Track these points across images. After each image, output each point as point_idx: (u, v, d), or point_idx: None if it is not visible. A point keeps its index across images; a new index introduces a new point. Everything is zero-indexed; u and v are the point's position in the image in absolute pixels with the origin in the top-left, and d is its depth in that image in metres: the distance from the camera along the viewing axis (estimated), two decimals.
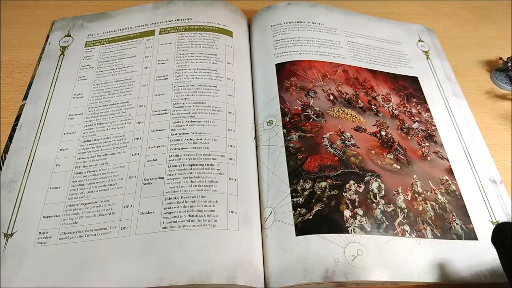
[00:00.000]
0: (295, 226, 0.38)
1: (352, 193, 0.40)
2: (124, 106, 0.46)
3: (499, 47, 0.60)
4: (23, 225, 0.38)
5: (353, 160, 0.43)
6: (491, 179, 0.45)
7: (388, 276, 0.36)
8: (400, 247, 0.38)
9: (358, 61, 0.53)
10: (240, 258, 0.36)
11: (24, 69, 0.52)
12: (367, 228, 0.38)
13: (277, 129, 0.45)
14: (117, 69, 0.50)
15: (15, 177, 0.41)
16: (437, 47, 0.58)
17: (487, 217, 0.42)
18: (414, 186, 0.42)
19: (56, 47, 0.52)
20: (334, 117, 0.47)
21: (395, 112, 0.49)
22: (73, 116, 0.46)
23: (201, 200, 0.39)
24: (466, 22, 0.64)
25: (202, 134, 0.43)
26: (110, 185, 0.40)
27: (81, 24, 0.55)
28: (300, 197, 0.39)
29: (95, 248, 0.36)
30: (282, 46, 0.52)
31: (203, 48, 0.51)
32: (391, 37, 0.58)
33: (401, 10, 0.65)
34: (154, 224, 0.37)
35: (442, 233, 0.39)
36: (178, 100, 0.46)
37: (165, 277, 0.34)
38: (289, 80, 0.49)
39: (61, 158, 0.42)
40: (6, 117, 0.47)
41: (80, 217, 0.38)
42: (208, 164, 0.41)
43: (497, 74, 0.56)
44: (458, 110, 0.51)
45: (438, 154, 0.46)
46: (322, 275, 0.35)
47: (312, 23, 0.56)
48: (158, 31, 0.53)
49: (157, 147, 0.43)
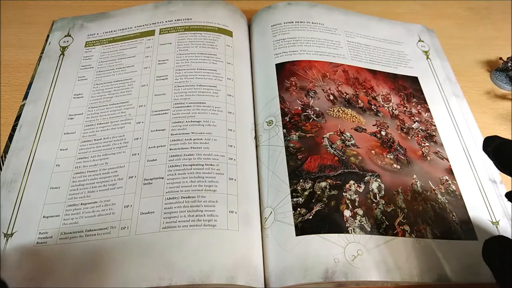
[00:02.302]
0: (295, 226, 0.38)
1: (352, 193, 0.40)
2: (124, 106, 0.46)
3: (499, 47, 0.59)
4: (23, 225, 0.38)
5: (353, 160, 0.43)
6: (491, 179, 0.45)
7: (388, 276, 0.36)
8: (400, 247, 0.38)
9: (358, 61, 0.53)
10: (240, 258, 0.36)
11: (24, 69, 0.52)
12: (367, 228, 0.38)
13: (277, 129, 0.45)
14: (117, 69, 0.50)
15: (15, 177, 0.41)
16: (437, 47, 0.58)
17: (487, 217, 0.42)
18: (414, 186, 0.42)
19: (56, 47, 0.52)
20: (334, 117, 0.47)
21: (395, 112, 0.49)
22: (73, 116, 0.46)
23: (201, 200, 0.39)
24: (466, 22, 0.64)
25: (202, 134, 0.43)
26: (110, 185, 0.40)
27: (81, 24, 0.55)
28: (300, 197, 0.39)
29: (95, 248, 0.36)
30: (282, 46, 0.52)
31: (203, 48, 0.51)
32: (391, 37, 0.58)
33: (401, 10, 0.65)
34: (154, 224, 0.37)
35: (442, 233, 0.39)
36: (178, 100, 0.46)
37: (165, 277, 0.34)
38: (289, 80, 0.49)
39: (61, 158, 0.42)
40: (6, 117, 0.47)
41: (80, 217, 0.38)
42: (208, 164, 0.41)
43: (497, 74, 0.56)
44: (458, 110, 0.51)
45: (438, 154, 0.46)
46: (322, 275, 0.35)
47: (312, 23, 0.56)
48: (158, 31, 0.53)
49: (157, 147, 0.43)
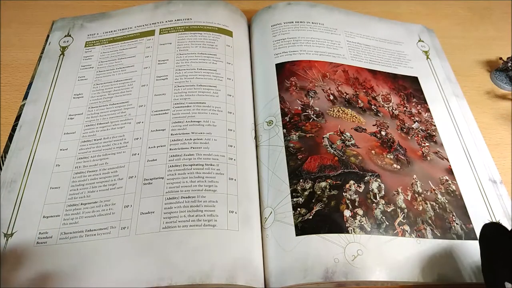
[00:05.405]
0: (295, 226, 0.38)
1: (352, 193, 0.40)
2: (124, 106, 0.46)
3: (499, 47, 0.60)
4: (23, 225, 0.38)
5: (353, 160, 0.43)
6: (491, 179, 0.45)
7: (388, 276, 0.36)
8: (400, 247, 0.38)
9: (358, 61, 0.53)
10: (240, 258, 0.36)
11: (24, 69, 0.52)
12: (367, 228, 0.38)
13: (277, 129, 0.45)
14: (117, 69, 0.50)
15: (15, 177, 0.41)
16: (437, 47, 0.58)
17: (487, 217, 0.42)
18: (414, 186, 0.42)
19: (56, 47, 0.52)
20: (334, 117, 0.47)
21: (395, 112, 0.49)
22: (73, 116, 0.46)
23: (201, 200, 0.39)
24: (466, 22, 0.64)
25: (202, 134, 0.43)
26: (110, 185, 0.40)
27: (81, 24, 0.55)
28: (300, 197, 0.39)
29: (95, 248, 0.36)
30: (282, 46, 0.52)
31: (203, 48, 0.51)
32: (391, 37, 0.58)
33: (401, 10, 0.65)
34: (154, 224, 0.37)
35: (442, 233, 0.39)
36: (178, 100, 0.46)
37: (165, 277, 0.34)
38: (289, 80, 0.49)
39: (61, 158, 0.42)
40: (6, 117, 0.47)
41: (80, 217, 0.38)
42: (208, 164, 0.41)
43: (497, 74, 0.56)
44: (458, 110, 0.51)
45: (438, 154, 0.46)
46: (322, 275, 0.35)
47: (312, 23, 0.56)
48: (158, 31, 0.53)
49: (157, 147, 0.43)
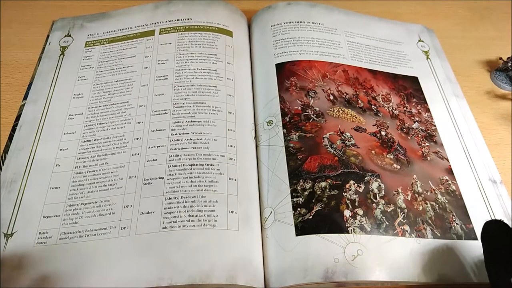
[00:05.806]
0: (295, 226, 0.38)
1: (352, 193, 0.40)
2: (124, 106, 0.46)
3: (499, 47, 0.60)
4: (23, 225, 0.38)
5: (353, 160, 0.43)
6: (491, 179, 0.45)
7: (388, 276, 0.36)
8: (400, 247, 0.38)
9: (358, 61, 0.53)
10: (240, 258, 0.36)
11: (24, 69, 0.52)
12: (367, 228, 0.38)
13: (277, 129, 0.45)
14: (117, 69, 0.50)
15: (15, 177, 0.41)
16: (437, 47, 0.58)
17: (487, 217, 0.42)
18: (414, 186, 0.42)
19: (56, 47, 0.52)
20: (334, 117, 0.47)
21: (395, 112, 0.49)
22: (73, 116, 0.46)
23: (201, 200, 0.39)
24: (466, 22, 0.64)
25: (202, 134, 0.43)
26: (110, 185, 0.40)
27: (81, 24, 0.55)
28: (300, 197, 0.39)
29: (95, 248, 0.36)
30: (282, 46, 0.52)
31: (203, 48, 0.51)
32: (391, 37, 0.58)
33: (401, 10, 0.65)
34: (154, 224, 0.37)
35: (442, 233, 0.39)
36: (178, 100, 0.46)
37: (165, 277, 0.34)
38: (289, 80, 0.49)
39: (61, 158, 0.42)
40: (6, 117, 0.47)
41: (80, 217, 0.38)
42: (208, 164, 0.41)
43: (497, 74, 0.56)
44: (458, 110, 0.51)
45: (438, 154, 0.46)
46: (322, 275, 0.35)
47: (312, 23, 0.56)
48: (158, 31, 0.53)
49: (157, 147, 0.43)
